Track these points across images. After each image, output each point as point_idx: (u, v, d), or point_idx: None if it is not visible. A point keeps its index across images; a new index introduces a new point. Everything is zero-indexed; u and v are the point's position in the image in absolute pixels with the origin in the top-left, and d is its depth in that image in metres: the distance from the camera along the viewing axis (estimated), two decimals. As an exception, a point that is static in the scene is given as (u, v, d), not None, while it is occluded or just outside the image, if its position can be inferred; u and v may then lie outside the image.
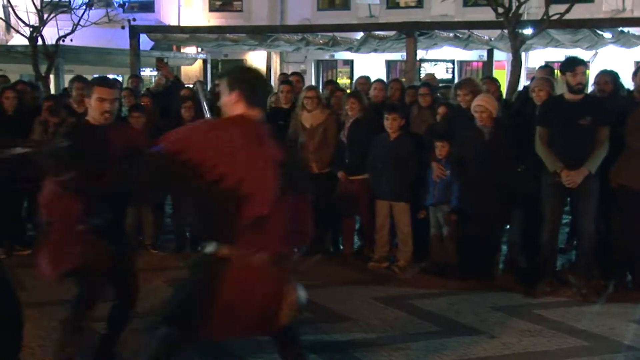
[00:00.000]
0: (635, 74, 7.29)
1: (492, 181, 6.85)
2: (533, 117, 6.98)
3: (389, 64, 22.85)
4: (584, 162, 6.45)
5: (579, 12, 13.01)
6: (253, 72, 3.69)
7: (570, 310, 6.23)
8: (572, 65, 6.59)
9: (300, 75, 10.04)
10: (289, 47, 17.71)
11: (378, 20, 20.99)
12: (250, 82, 3.55)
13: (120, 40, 17.51)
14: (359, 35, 16.56)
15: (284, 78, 10.24)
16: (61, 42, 13.41)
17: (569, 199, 6.89)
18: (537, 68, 9.59)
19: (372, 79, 9.33)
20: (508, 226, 7.48)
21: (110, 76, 17.02)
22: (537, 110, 6.93)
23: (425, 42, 15.43)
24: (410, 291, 6.84)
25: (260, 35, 16.58)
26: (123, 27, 15.40)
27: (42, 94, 10.46)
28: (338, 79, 23.16)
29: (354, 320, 6.03)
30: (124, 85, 10.07)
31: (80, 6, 14.27)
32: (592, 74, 9.98)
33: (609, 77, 7.47)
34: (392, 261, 7.66)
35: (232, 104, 3.51)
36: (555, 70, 8.03)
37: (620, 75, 7.71)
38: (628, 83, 7.97)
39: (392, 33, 15.21)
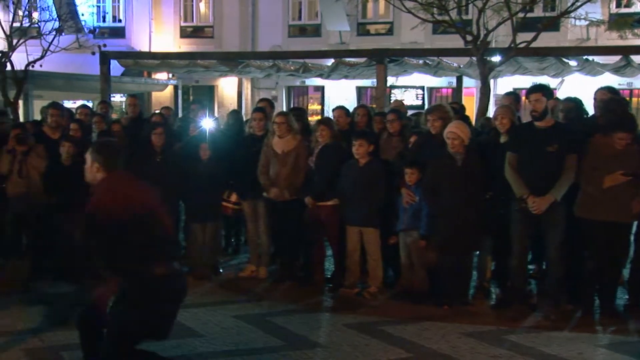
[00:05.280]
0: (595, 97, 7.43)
1: (464, 207, 6.89)
2: (497, 144, 7.08)
3: (360, 90, 22.97)
4: (550, 189, 6.53)
5: (545, 40, 13.22)
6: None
7: (540, 336, 6.27)
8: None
9: (268, 101, 9.78)
10: (260, 73, 17.73)
11: (349, 47, 21.13)
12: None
13: (90, 65, 17.42)
14: (330, 61, 16.64)
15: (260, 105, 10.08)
16: (30, 68, 13.32)
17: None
18: (502, 95, 9.67)
19: (343, 106, 9.28)
20: (477, 252, 7.52)
21: (80, 102, 16.95)
22: (507, 137, 7.02)
23: (395, 69, 15.56)
24: (381, 317, 6.83)
25: (232, 61, 16.59)
26: (93, 53, 15.32)
27: (10, 120, 10.34)
28: (309, 105, 23.25)
29: (325, 346, 6.02)
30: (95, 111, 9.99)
31: (50, 32, 14.20)
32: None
33: (572, 104, 7.59)
34: (363, 287, 7.66)
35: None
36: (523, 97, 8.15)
37: (584, 102, 7.83)
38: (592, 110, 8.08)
39: (362, 60, 15.31)
